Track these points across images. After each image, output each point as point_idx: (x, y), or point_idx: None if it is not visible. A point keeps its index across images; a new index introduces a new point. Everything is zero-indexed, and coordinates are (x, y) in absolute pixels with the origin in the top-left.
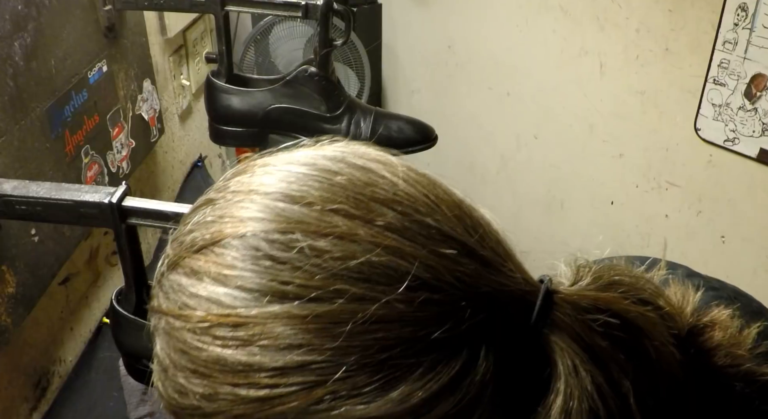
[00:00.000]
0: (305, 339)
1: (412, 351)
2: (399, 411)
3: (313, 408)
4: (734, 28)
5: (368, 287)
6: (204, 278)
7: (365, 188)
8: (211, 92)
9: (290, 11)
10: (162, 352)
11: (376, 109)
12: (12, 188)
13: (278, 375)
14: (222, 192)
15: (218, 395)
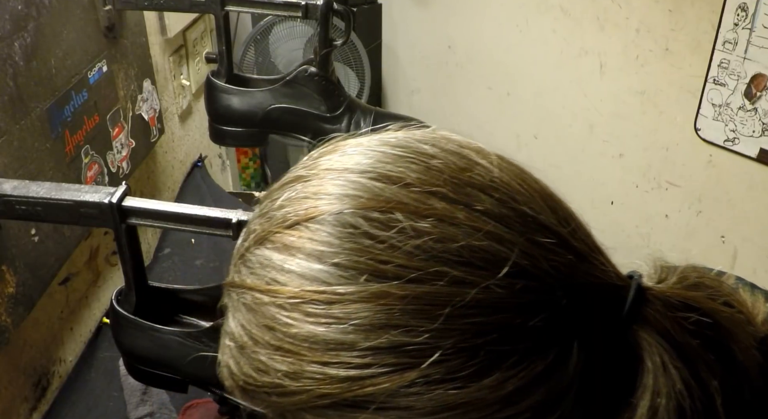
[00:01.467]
0: (402, 320)
1: (509, 338)
2: (491, 399)
3: (404, 391)
4: (734, 28)
5: (468, 271)
6: (297, 254)
7: (462, 173)
8: (211, 92)
9: (290, 11)
10: (239, 329)
11: (376, 109)
12: (12, 188)
13: (371, 355)
14: (313, 169)
15: (304, 373)
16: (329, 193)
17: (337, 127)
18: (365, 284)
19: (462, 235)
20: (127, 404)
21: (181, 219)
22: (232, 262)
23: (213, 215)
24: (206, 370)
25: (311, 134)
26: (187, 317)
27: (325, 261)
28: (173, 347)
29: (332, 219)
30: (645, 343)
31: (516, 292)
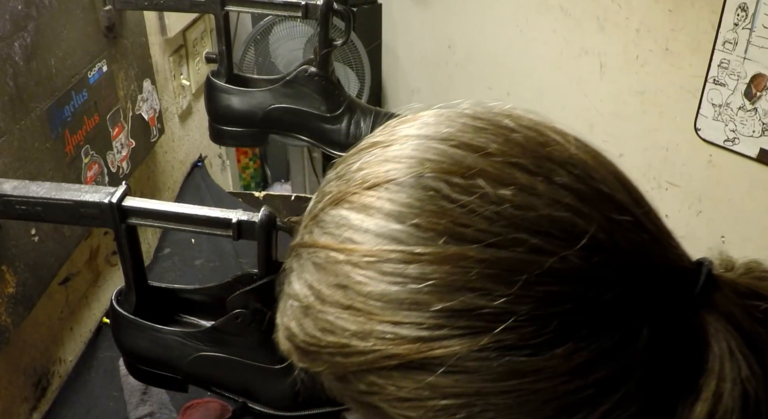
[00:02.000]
0: (479, 284)
1: (582, 309)
2: (560, 369)
3: (474, 355)
4: (734, 28)
5: (547, 240)
6: (375, 214)
7: (541, 148)
8: (211, 92)
9: (290, 11)
10: (306, 290)
11: (376, 108)
12: (12, 188)
13: (445, 316)
14: (392, 136)
15: (373, 333)
16: (410, 156)
17: (337, 127)
18: (444, 246)
19: (542, 206)
20: (127, 404)
21: (181, 219)
22: (302, 224)
23: (213, 215)
24: (207, 370)
25: (311, 134)
26: (187, 316)
27: (404, 222)
28: (173, 347)
29: (413, 182)
30: (713, 329)
31: (592, 265)
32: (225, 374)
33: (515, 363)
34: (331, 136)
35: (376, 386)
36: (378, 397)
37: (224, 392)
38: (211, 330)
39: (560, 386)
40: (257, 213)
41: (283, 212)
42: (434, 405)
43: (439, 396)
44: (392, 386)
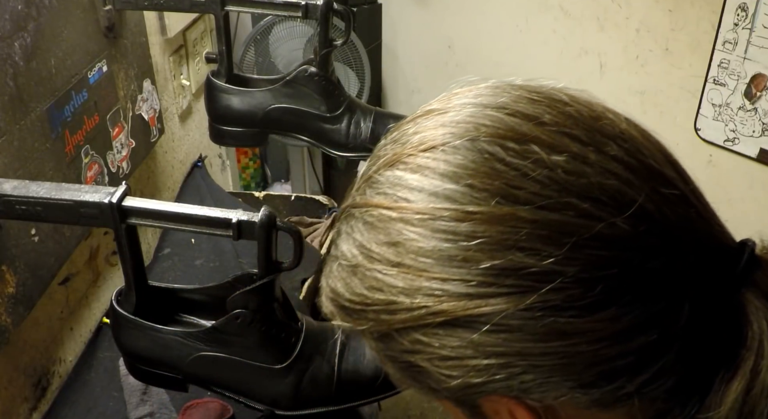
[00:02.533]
0: (528, 244)
1: (628, 276)
2: (603, 333)
3: (520, 314)
4: (734, 28)
5: (596, 206)
6: (430, 174)
7: (594, 121)
8: (211, 92)
9: (290, 11)
10: (355, 249)
11: (376, 109)
12: (12, 188)
13: (493, 274)
14: (449, 104)
15: (422, 289)
16: (467, 122)
17: (337, 127)
18: (496, 206)
19: (593, 174)
20: (127, 404)
21: (181, 219)
22: (354, 187)
23: (213, 215)
24: (207, 370)
25: (311, 134)
26: (187, 316)
27: (459, 182)
28: (173, 347)
29: (469, 145)
30: (753, 307)
31: (639, 233)
32: (225, 374)
33: (559, 323)
34: (331, 136)
35: (420, 344)
36: (420, 356)
37: (224, 392)
38: (211, 330)
39: (602, 350)
40: (257, 214)
41: (283, 212)
42: (476, 365)
43: (481, 355)
44: (436, 344)
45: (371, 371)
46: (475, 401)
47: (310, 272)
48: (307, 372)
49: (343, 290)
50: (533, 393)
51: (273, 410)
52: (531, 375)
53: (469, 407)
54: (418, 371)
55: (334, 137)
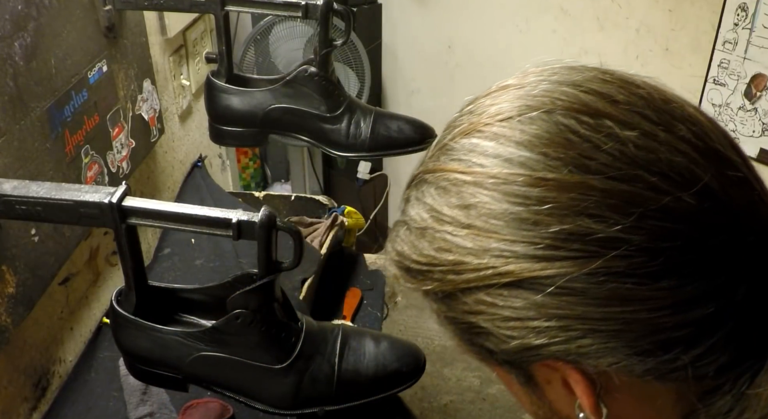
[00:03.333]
0: (597, 211)
1: (691, 249)
2: (663, 301)
3: (584, 278)
4: (734, 28)
5: (664, 181)
6: (506, 142)
7: (664, 104)
8: (211, 92)
9: (290, 11)
10: (425, 213)
11: (376, 109)
12: (12, 188)
13: (561, 239)
14: (525, 79)
15: (490, 250)
16: (543, 96)
17: (337, 127)
18: (568, 174)
19: (662, 151)
20: (127, 404)
21: (181, 219)
22: (428, 155)
23: (213, 215)
24: (207, 370)
25: (311, 134)
26: (187, 316)
27: (533, 150)
28: (174, 347)
29: (545, 117)
30: None
31: (704, 210)
32: (225, 374)
33: (621, 289)
34: (331, 136)
35: (483, 304)
36: (482, 317)
37: (224, 392)
38: (211, 330)
39: (660, 319)
40: (257, 214)
41: (283, 212)
42: (537, 326)
43: (543, 316)
44: (499, 304)
45: (371, 371)
46: (530, 365)
47: (310, 272)
48: (307, 372)
49: (409, 252)
50: (589, 359)
51: (273, 410)
52: (589, 340)
53: (523, 372)
54: (479, 332)
55: (334, 137)
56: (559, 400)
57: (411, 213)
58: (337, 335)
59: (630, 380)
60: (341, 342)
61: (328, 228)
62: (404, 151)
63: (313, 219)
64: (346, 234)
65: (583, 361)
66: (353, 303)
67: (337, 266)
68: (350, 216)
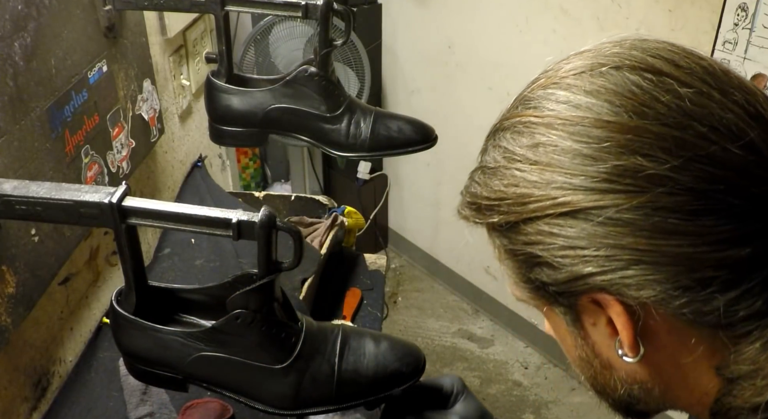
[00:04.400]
0: (651, 151)
1: (733, 194)
2: (703, 238)
3: (632, 211)
4: (734, 28)
5: (714, 133)
6: (576, 91)
7: (723, 74)
8: (211, 92)
9: (290, 11)
10: (499, 155)
11: (376, 109)
12: (12, 188)
13: (616, 174)
14: (600, 46)
15: (553, 183)
16: (614, 55)
17: (337, 127)
18: (628, 119)
19: (715, 108)
20: (127, 404)
21: (181, 219)
22: (508, 107)
23: (213, 215)
24: (207, 370)
25: (311, 134)
26: (187, 316)
27: (599, 98)
28: (173, 347)
29: (613, 72)
30: None
31: (748, 162)
32: (225, 374)
33: (665, 223)
34: (331, 136)
35: (542, 234)
36: (540, 246)
37: (224, 392)
38: (211, 331)
39: (699, 255)
40: (257, 214)
41: (283, 212)
42: (587, 255)
43: (593, 245)
44: (555, 231)
45: (371, 371)
46: (578, 301)
47: (310, 272)
48: (307, 372)
49: (481, 191)
50: (631, 290)
51: (273, 410)
52: (633, 271)
53: (571, 311)
54: (536, 263)
55: (334, 137)
56: (602, 342)
57: (486, 159)
58: (337, 335)
59: (667, 321)
60: (341, 342)
61: (328, 228)
62: (404, 151)
63: (313, 219)
64: (346, 234)
65: (625, 293)
66: (353, 303)
67: (337, 266)
68: (350, 216)
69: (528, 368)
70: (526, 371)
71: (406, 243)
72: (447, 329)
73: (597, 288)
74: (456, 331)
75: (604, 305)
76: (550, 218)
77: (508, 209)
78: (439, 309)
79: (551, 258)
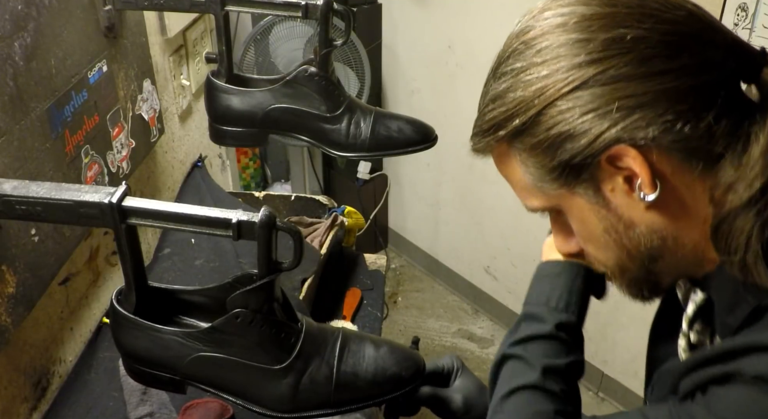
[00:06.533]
0: (627, 22)
1: (688, 37)
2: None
3: (626, 68)
4: (734, 28)
5: (662, 6)
6: (556, 8)
7: None
8: (211, 92)
9: (290, 11)
10: (508, 77)
11: (376, 109)
12: (12, 188)
13: (606, 44)
14: None
15: (560, 69)
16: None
17: (337, 127)
18: (603, 8)
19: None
20: (127, 404)
21: (181, 219)
22: (505, 45)
23: (213, 215)
24: (205, 370)
25: (311, 134)
26: (186, 318)
27: (576, 5)
28: (172, 347)
29: None
30: None
31: (689, 18)
32: (223, 375)
33: (652, 66)
34: (331, 136)
35: (562, 112)
36: (562, 123)
37: (221, 393)
38: (210, 330)
39: (682, 86)
40: (257, 214)
41: (283, 212)
42: (600, 113)
43: (605, 104)
44: (572, 105)
45: (370, 374)
46: (597, 163)
47: (310, 272)
48: (305, 374)
49: (499, 109)
50: (639, 132)
51: (271, 413)
52: (637, 114)
53: (591, 180)
54: (559, 141)
55: (334, 137)
56: (622, 203)
57: (494, 88)
58: (337, 337)
59: (669, 162)
60: (341, 344)
61: (328, 228)
62: (404, 151)
63: (313, 219)
64: (346, 234)
65: (636, 136)
66: (353, 303)
67: (337, 266)
68: (350, 216)
69: None
70: None
71: (406, 243)
72: (447, 329)
73: (613, 141)
74: (456, 331)
75: (621, 157)
76: (566, 95)
77: (528, 106)
78: (439, 309)
79: (573, 129)
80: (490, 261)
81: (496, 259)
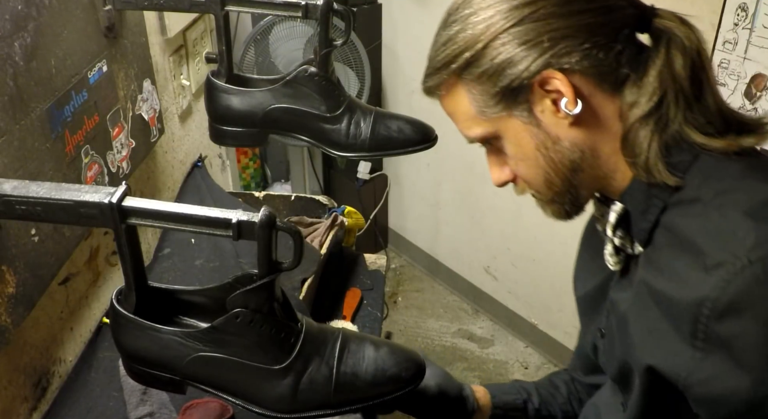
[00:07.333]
0: None
1: None
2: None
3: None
4: (734, 28)
5: None
6: None
7: None
8: (211, 92)
9: (290, 11)
10: (451, 28)
11: (376, 109)
12: (12, 188)
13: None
14: None
15: (501, 10)
16: None
17: (337, 127)
18: None
19: None
20: (127, 404)
21: (181, 219)
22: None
23: (213, 215)
24: (205, 371)
25: (311, 134)
26: (185, 318)
27: None
28: (172, 347)
29: None
30: (663, 25)
31: None
32: (222, 375)
33: (577, 7)
34: (331, 136)
35: (504, 44)
36: (503, 53)
37: (221, 393)
38: (210, 330)
39: (598, 22)
40: (257, 214)
41: (283, 212)
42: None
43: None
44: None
45: (370, 375)
46: (530, 87)
47: (310, 272)
48: (305, 374)
49: (450, 48)
50: (564, 58)
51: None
52: (563, 43)
53: (526, 102)
54: (501, 68)
55: (334, 137)
56: (549, 121)
57: (442, 38)
58: (337, 338)
59: (587, 84)
60: (341, 345)
61: (328, 228)
62: (404, 151)
63: (313, 219)
64: (346, 234)
65: (562, 62)
66: (353, 303)
67: (337, 266)
68: (350, 216)
69: (528, 368)
70: (526, 371)
71: (406, 243)
72: (447, 329)
73: (544, 66)
74: (456, 331)
75: (549, 80)
76: (506, 30)
77: (476, 40)
78: (439, 309)
79: (512, 57)
80: (490, 261)
81: (496, 259)
